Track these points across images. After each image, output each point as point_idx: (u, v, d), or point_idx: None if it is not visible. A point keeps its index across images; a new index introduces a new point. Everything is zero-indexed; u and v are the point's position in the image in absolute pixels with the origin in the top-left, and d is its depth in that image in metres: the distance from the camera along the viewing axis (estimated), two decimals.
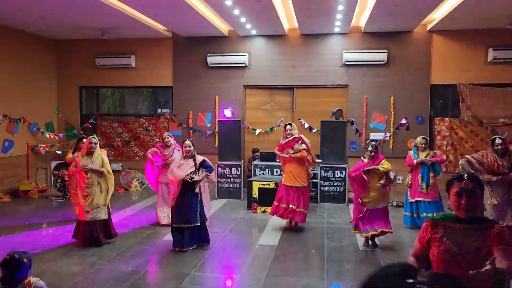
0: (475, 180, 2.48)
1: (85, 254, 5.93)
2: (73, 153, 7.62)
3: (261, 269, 5.41)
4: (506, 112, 10.08)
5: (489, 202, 5.42)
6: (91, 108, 12.15)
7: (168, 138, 7.69)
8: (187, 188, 6.02)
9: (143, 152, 11.62)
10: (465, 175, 2.47)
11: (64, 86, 11.89)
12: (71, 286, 4.88)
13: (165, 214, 7.45)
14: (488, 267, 2.14)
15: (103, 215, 6.27)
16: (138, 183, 11.12)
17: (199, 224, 6.07)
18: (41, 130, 11.01)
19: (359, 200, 6.22)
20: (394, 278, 1.11)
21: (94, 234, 6.19)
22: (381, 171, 6.11)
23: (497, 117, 10.11)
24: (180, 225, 6.03)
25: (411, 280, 1.07)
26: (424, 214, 7.16)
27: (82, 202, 6.18)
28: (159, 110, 11.89)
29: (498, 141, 5.53)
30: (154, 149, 7.79)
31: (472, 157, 5.54)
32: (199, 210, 6.09)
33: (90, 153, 6.26)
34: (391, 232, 6.25)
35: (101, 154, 6.35)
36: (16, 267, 3.09)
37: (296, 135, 7.27)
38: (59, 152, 11.17)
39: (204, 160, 6.17)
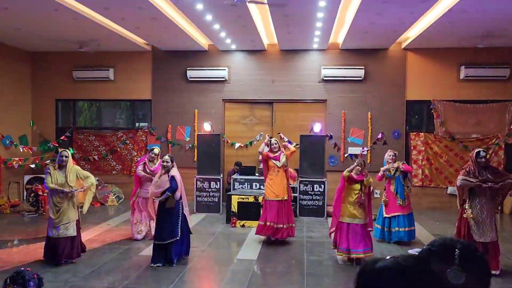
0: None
1: (59, 271, 5.74)
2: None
3: (240, 284, 5.35)
4: (478, 128, 10.40)
5: (470, 215, 5.53)
6: (67, 121, 11.93)
7: (153, 154, 7.41)
8: (164, 204, 6.00)
9: (120, 166, 11.46)
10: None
11: (39, 99, 11.66)
12: None
13: (140, 229, 7.34)
14: None
15: (72, 232, 6.02)
16: (115, 197, 10.91)
17: (178, 238, 5.96)
18: (14, 143, 10.72)
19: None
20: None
21: (58, 251, 5.90)
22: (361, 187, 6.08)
23: (470, 133, 10.41)
24: (159, 242, 5.93)
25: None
26: (396, 229, 7.23)
27: (52, 217, 5.95)
28: (137, 124, 11.76)
29: (482, 153, 5.63)
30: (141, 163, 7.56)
31: (465, 178, 5.57)
32: (179, 223, 5.98)
33: (62, 166, 6.06)
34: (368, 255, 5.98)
35: (73, 167, 6.16)
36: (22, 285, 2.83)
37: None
38: (32, 166, 10.87)
39: (172, 177, 5.96)
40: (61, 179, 5.99)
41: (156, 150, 7.50)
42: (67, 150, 6.32)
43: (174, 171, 6.10)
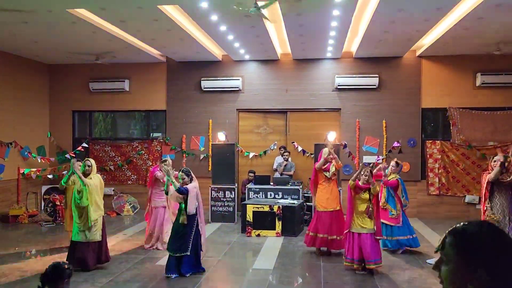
0: None
1: (76, 280, 5.77)
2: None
3: None
4: (495, 136, 10.24)
5: (493, 216, 5.48)
6: (83, 132, 12.11)
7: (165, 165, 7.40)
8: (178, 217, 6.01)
9: (135, 176, 11.57)
10: None
11: (56, 110, 11.87)
12: None
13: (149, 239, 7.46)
14: None
15: (98, 237, 6.18)
16: (131, 207, 10.99)
17: (188, 253, 5.88)
18: (33, 154, 10.90)
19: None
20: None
21: (85, 257, 6.07)
22: (367, 197, 6.04)
23: (487, 140, 10.26)
24: (171, 254, 5.94)
25: None
26: (396, 237, 7.11)
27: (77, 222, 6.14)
28: (152, 134, 11.87)
29: (497, 157, 5.62)
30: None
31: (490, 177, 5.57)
32: (191, 239, 5.91)
33: (86, 175, 6.26)
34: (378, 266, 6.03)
35: (98, 175, 6.45)
36: (60, 277, 2.85)
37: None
38: (50, 176, 11.05)
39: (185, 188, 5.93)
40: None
41: (169, 160, 7.45)
42: (90, 159, 6.52)
43: (190, 185, 6.00)
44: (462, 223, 1.33)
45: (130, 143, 11.66)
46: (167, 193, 6.17)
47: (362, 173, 6.06)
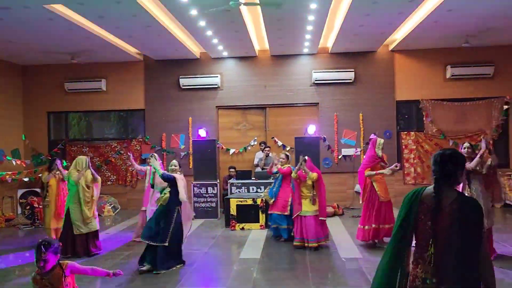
0: None
1: None
2: (49, 172, 7.43)
3: (246, 280, 5.39)
4: (466, 125, 10.67)
5: None
6: (59, 133, 11.89)
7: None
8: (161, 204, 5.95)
9: (115, 176, 11.44)
10: None
11: (31, 112, 11.62)
12: None
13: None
14: None
15: (95, 226, 6.82)
16: (111, 207, 10.86)
17: (166, 244, 5.74)
18: (7, 157, 10.62)
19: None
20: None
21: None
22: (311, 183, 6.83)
23: (458, 130, 10.67)
24: (147, 242, 5.77)
25: None
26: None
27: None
28: (131, 133, 11.77)
29: (466, 144, 6.06)
30: None
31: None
32: (170, 229, 5.78)
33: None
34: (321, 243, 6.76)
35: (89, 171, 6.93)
36: (49, 246, 3.22)
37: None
38: (26, 179, 10.78)
39: (175, 178, 5.93)
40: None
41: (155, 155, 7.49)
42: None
43: (177, 175, 6.02)
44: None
45: (109, 143, 11.53)
46: (153, 186, 6.19)
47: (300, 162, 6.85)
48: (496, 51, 10.50)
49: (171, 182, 5.87)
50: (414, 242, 2.43)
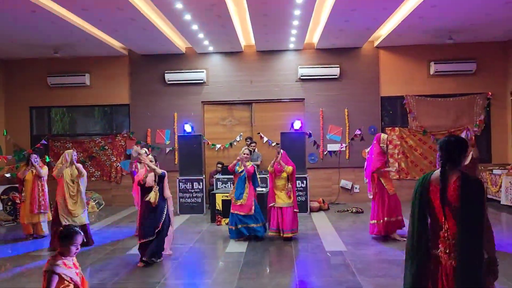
0: None
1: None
2: (26, 167, 7.44)
3: (232, 273, 5.39)
4: (448, 121, 10.83)
5: None
6: (42, 129, 11.70)
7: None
8: (147, 203, 5.89)
9: (99, 172, 11.31)
10: None
11: (13, 107, 11.42)
12: None
13: None
14: None
15: (85, 220, 6.92)
16: (95, 203, 10.73)
17: (155, 237, 5.85)
18: None
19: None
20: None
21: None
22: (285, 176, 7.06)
23: (441, 126, 10.83)
24: (145, 240, 5.86)
25: None
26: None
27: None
28: (115, 129, 11.64)
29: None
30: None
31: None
32: (159, 226, 5.86)
33: (72, 164, 6.96)
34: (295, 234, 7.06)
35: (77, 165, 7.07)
36: (71, 236, 3.18)
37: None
38: (8, 175, 10.58)
39: (160, 176, 5.98)
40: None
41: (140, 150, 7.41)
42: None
43: (160, 170, 6.04)
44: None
45: (93, 138, 11.39)
46: (141, 184, 6.06)
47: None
48: (478, 48, 10.68)
49: (162, 178, 5.89)
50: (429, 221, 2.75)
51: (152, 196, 5.79)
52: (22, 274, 5.62)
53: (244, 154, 7.13)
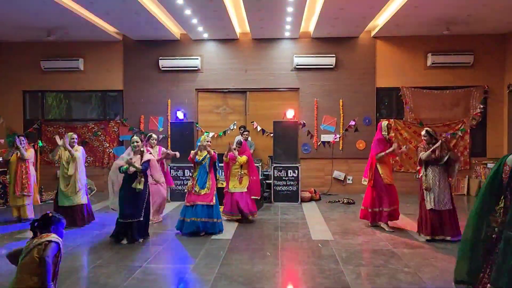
0: None
1: None
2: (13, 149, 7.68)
3: (215, 259, 5.36)
4: (444, 114, 10.73)
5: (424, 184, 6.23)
6: (35, 113, 11.63)
7: (153, 140, 7.68)
8: (132, 181, 6.07)
9: (92, 158, 11.26)
10: None
11: (6, 91, 11.33)
12: None
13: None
14: None
15: (83, 200, 7.22)
16: (87, 189, 10.64)
17: (141, 219, 6.14)
18: None
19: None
20: None
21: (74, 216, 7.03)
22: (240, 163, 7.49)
23: (437, 118, 10.74)
24: (124, 220, 6.08)
25: None
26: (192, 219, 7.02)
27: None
28: (109, 115, 11.56)
29: (424, 133, 6.39)
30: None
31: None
32: (144, 206, 6.16)
33: (71, 147, 7.17)
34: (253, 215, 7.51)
35: (80, 147, 7.46)
36: (47, 223, 3.27)
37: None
38: (0, 159, 10.53)
39: (148, 161, 6.19)
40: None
41: (154, 135, 7.79)
42: (74, 134, 7.39)
43: (149, 156, 6.32)
44: None
45: (86, 124, 11.33)
46: (123, 171, 6.07)
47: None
48: (476, 40, 10.56)
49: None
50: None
51: (137, 185, 6.04)
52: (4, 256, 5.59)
53: (207, 141, 6.79)
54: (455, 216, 6.19)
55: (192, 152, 6.86)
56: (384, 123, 7.10)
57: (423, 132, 6.42)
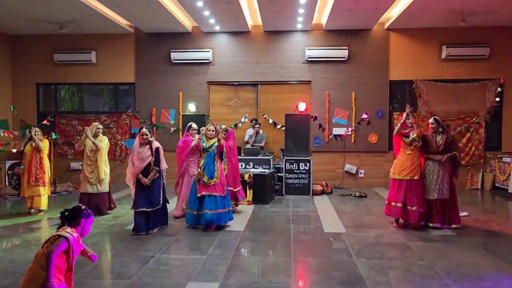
0: None
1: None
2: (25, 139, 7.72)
3: (228, 250, 5.36)
4: (459, 107, 10.58)
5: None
6: (49, 105, 11.73)
7: (193, 130, 7.50)
8: (146, 174, 6.16)
9: None
10: None
11: (19, 83, 11.44)
12: None
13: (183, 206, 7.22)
14: None
15: (107, 188, 7.40)
16: None
17: (160, 206, 6.24)
18: None
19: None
20: None
21: (99, 203, 7.27)
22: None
23: (451, 112, 10.58)
24: (143, 209, 6.10)
25: None
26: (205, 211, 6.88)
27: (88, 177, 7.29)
28: (121, 107, 11.62)
29: (431, 120, 6.49)
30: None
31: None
32: (161, 192, 6.25)
33: (95, 137, 7.36)
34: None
35: (105, 137, 7.60)
36: (76, 215, 3.16)
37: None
38: (14, 151, 10.65)
39: (157, 148, 6.22)
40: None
41: (194, 125, 7.62)
42: (99, 124, 7.55)
43: (157, 143, 6.35)
44: None
45: (98, 116, 11.39)
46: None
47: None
48: (492, 32, 10.36)
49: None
50: None
51: (153, 174, 6.17)
52: (20, 245, 5.66)
53: (209, 130, 6.51)
54: (450, 206, 6.35)
55: (196, 141, 6.73)
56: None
57: (431, 120, 6.44)
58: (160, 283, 4.25)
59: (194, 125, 7.57)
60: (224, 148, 6.68)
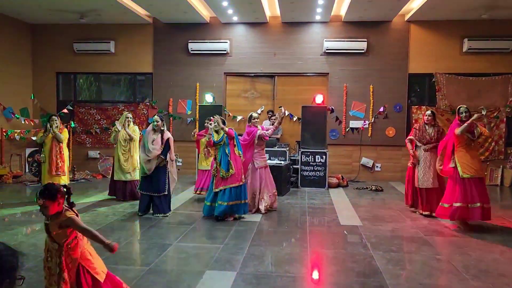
0: None
1: None
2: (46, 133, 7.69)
3: (244, 240, 5.40)
4: (480, 102, 10.34)
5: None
6: (68, 94, 11.89)
7: (255, 120, 7.34)
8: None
9: None
10: None
11: (40, 72, 11.61)
12: None
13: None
14: None
15: (137, 176, 7.61)
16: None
17: (166, 193, 6.60)
18: (16, 115, 10.70)
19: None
20: None
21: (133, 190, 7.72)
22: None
23: (471, 107, 10.27)
24: (147, 193, 6.55)
25: None
26: (219, 203, 6.80)
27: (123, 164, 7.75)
28: (138, 97, 11.72)
29: (428, 112, 6.86)
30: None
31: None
32: (167, 180, 6.62)
33: (126, 126, 7.79)
34: None
35: (135, 127, 8.03)
36: (52, 194, 3.12)
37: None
38: (34, 138, 10.86)
39: (168, 139, 6.58)
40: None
41: (254, 114, 7.53)
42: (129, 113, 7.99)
43: (169, 134, 6.69)
44: None
45: (116, 106, 11.52)
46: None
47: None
48: None
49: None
50: None
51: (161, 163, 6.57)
52: (41, 230, 5.79)
53: (214, 125, 6.52)
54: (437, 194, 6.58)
55: (207, 137, 7.28)
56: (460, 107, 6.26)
57: (428, 112, 6.82)
58: (180, 269, 4.31)
59: (255, 114, 7.31)
60: (235, 134, 6.51)
